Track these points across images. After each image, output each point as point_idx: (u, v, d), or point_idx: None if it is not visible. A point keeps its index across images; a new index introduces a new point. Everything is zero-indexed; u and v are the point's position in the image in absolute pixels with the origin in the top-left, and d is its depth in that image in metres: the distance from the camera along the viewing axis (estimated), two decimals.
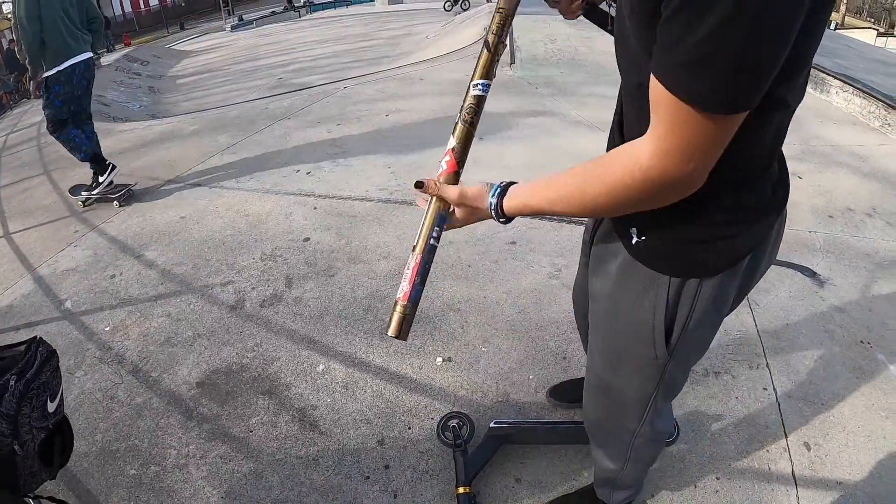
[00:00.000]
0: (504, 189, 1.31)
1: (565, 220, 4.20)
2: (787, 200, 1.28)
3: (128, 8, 46.74)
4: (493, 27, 1.41)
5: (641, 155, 0.99)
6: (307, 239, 4.02)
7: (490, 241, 3.92)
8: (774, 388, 2.95)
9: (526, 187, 1.27)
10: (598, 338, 1.60)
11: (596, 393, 1.73)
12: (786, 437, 2.69)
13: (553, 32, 10.40)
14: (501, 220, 1.31)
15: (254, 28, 32.17)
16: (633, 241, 1.30)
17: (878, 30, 39.80)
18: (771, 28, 0.80)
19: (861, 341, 3.36)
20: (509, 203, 1.27)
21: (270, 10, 40.68)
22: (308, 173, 5.11)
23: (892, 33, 35.24)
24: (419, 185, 1.42)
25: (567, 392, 2.71)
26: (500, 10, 1.41)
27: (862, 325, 3.47)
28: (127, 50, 22.94)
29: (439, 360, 2.96)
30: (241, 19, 35.98)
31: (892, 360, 3.25)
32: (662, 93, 0.90)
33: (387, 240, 3.97)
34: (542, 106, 7.02)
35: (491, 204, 1.30)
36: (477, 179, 3.58)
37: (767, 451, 2.60)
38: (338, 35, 21.25)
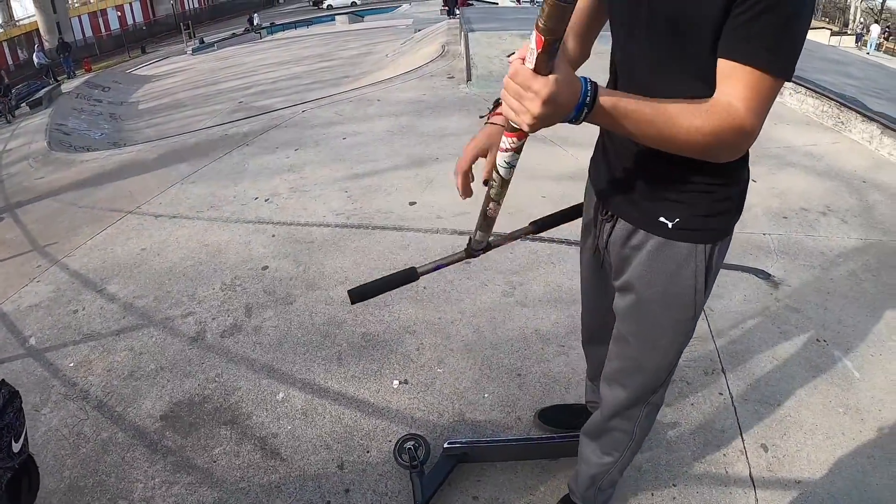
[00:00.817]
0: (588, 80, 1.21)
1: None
2: None
3: (88, 32, 46.21)
4: None
5: (738, 110, 1.21)
6: (266, 267, 4.09)
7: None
8: (730, 393, 3.03)
9: (611, 91, 1.23)
10: (631, 323, 1.77)
11: (628, 376, 1.86)
12: (742, 439, 2.77)
13: (509, 47, 10.44)
14: (585, 110, 1.18)
15: (215, 51, 31.98)
16: (670, 227, 1.55)
17: (832, 29, 40.57)
18: (807, 22, 1.20)
19: (817, 340, 3.46)
20: (602, 95, 1.18)
21: (231, 32, 40.43)
22: (266, 200, 5.18)
23: (846, 32, 35.78)
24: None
25: (559, 419, 2.77)
26: None
27: (817, 324, 3.58)
28: (88, 76, 22.84)
29: (396, 382, 3.04)
30: (202, 42, 35.74)
31: (849, 356, 3.35)
32: (742, 69, 1.20)
33: (344, 265, 4.05)
34: None
35: (585, 84, 1.16)
36: (434, 201, 3.59)
37: (724, 455, 2.68)
38: (298, 56, 21.30)
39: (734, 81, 1.21)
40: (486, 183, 1.56)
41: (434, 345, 3.29)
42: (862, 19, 50.80)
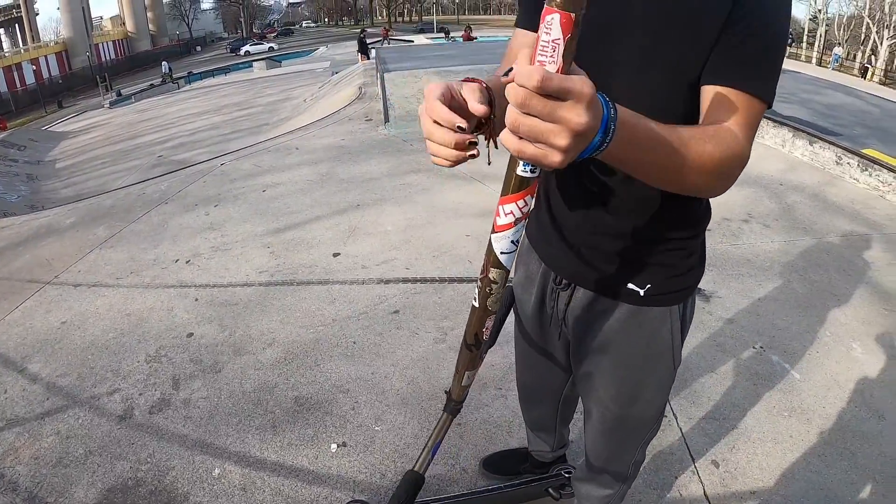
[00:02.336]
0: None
1: (447, 281, 4.30)
2: None
3: (3, 87, 45.37)
4: None
5: (739, 137, 1.16)
6: (191, 334, 3.98)
7: (373, 312, 3.98)
8: (674, 414, 3.08)
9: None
10: (609, 387, 1.71)
11: (610, 431, 1.83)
12: (693, 459, 2.81)
13: (425, 87, 10.51)
14: (612, 128, 0.88)
15: (133, 103, 31.67)
16: (642, 294, 1.51)
17: None
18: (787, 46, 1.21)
19: (754, 347, 3.54)
20: (621, 110, 0.92)
21: (149, 83, 40.18)
22: (188, 262, 5.07)
23: None
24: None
25: (504, 466, 2.76)
26: None
27: (752, 331, 3.66)
28: (3, 134, 22.29)
29: (334, 446, 2.98)
30: (119, 94, 35.46)
31: (786, 358, 3.44)
32: (741, 96, 1.17)
33: (271, 326, 3.98)
34: (417, 163, 7.17)
35: (604, 100, 0.87)
36: (358, 251, 3.58)
37: (677, 477, 2.71)
38: (217, 105, 21.10)
39: (730, 108, 1.17)
40: (485, 289, 1.19)
41: (369, 402, 3.25)
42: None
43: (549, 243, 1.62)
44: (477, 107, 0.95)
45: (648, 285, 1.50)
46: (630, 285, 1.51)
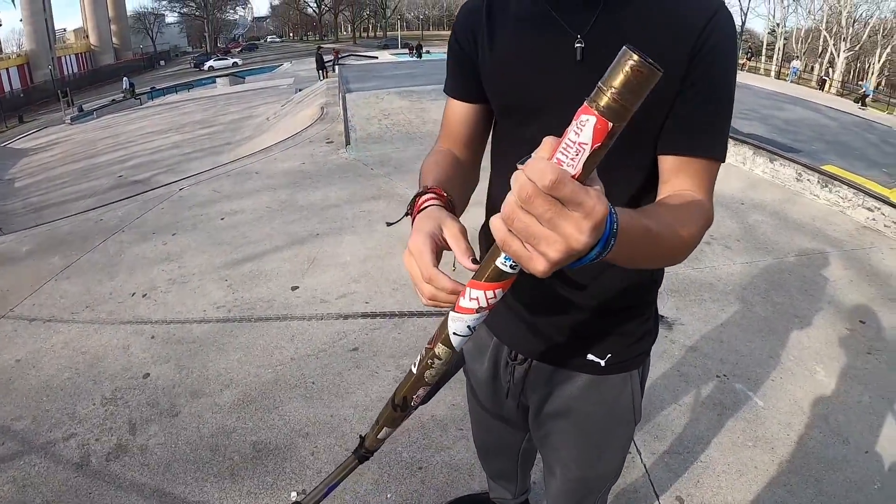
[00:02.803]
0: None
1: (406, 315, 4.26)
2: None
3: None
4: None
5: (706, 201, 1.18)
6: (147, 375, 3.87)
7: (332, 350, 3.92)
8: (638, 449, 3.05)
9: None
10: (568, 445, 1.67)
11: (573, 490, 1.79)
12: (657, 496, 2.78)
13: (387, 107, 10.53)
14: (612, 241, 0.80)
15: (94, 119, 31.32)
16: (603, 365, 1.47)
17: None
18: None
19: (717, 375, 3.53)
20: (622, 212, 0.85)
21: (111, 99, 39.74)
22: (144, 296, 4.95)
23: None
24: None
25: None
26: None
27: (716, 359, 3.65)
28: None
29: (293, 494, 2.89)
30: (81, 110, 34.94)
31: (750, 386, 3.43)
32: (702, 163, 1.19)
33: (228, 365, 3.88)
34: (377, 188, 7.15)
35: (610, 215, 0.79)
36: (317, 284, 3.51)
37: None
38: (178, 123, 20.94)
39: (693, 175, 1.19)
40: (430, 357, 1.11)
41: (329, 446, 3.17)
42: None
43: (502, 318, 1.56)
44: (466, 262, 0.98)
45: (609, 355, 1.47)
46: (590, 357, 1.48)
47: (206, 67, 61.19)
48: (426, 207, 1.19)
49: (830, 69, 44.70)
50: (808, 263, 5.21)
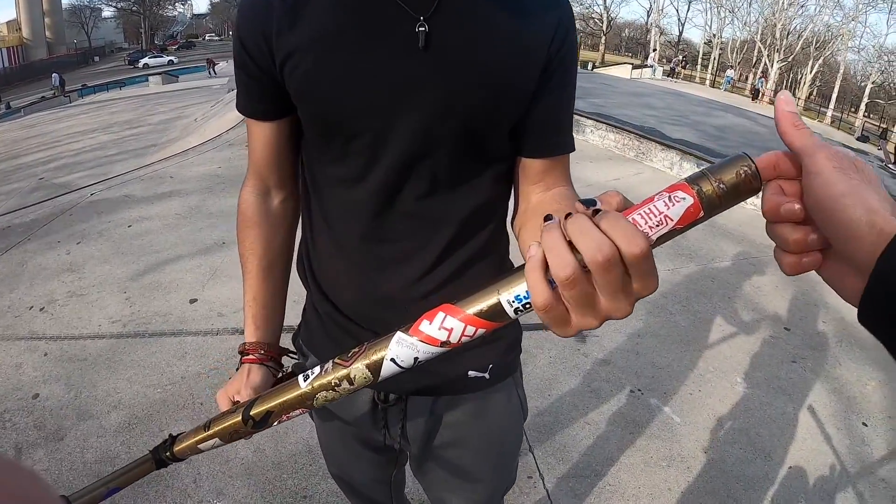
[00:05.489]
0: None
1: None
2: None
3: None
4: None
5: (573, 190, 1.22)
6: (36, 395, 3.59)
7: (224, 368, 3.73)
8: (541, 474, 2.90)
9: None
10: (468, 470, 1.48)
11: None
12: None
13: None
14: None
15: (21, 117, 30.39)
16: (487, 377, 1.32)
17: (633, 63, 44.81)
18: None
19: (632, 390, 3.42)
20: None
21: (40, 96, 38.83)
22: (42, 309, 4.63)
23: (646, 65, 39.53)
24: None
25: None
26: None
27: (630, 373, 3.53)
28: None
29: None
30: (8, 107, 34.09)
31: (666, 401, 3.31)
32: (563, 159, 1.21)
33: (117, 385, 3.61)
34: None
35: None
36: (216, 296, 3.22)
37: None
38: (106, 123, 20.33)
39: (563, 170, 1.21)
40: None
41: (212, 473, 2.95)
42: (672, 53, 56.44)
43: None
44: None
45: (491, 365, 1.32)
46: (472, 373, 1.31)
47: (140, 65, 60.16)
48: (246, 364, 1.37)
49: (764, 79, 45.85)
50: (733, 270, 5.16)
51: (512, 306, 0.68)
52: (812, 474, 3.09)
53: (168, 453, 1.20)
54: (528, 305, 0.67)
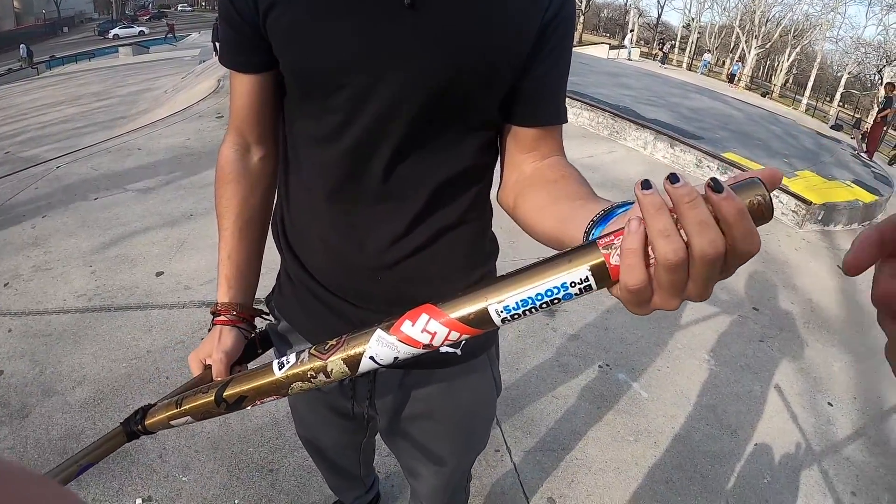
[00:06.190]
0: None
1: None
2: None
3: None
4: None
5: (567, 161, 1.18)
6: (1, 372, 3.52)
7: (190, 341, 3.66)
8: (508, 448, 2.90)
9: None
10: (439, 442, 1.52)
11: (449, 482, 1.65)
12: (527, 498, 2.64)
13: None
14: None
15: None
16: (459, 353, 1.31)
17: (610, 44, 44.82)
18: None
19: (600, 365, 3.42)
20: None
21: (7, 68, 38.09)
22: (6, 285, 4.52)
23: (623, 45, 39.66)
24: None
25: None
26: None
27: (599, 348, 3.53)
28: None
29: (139, 501, 2.66)
30: None
31: (634, 376, 3.32)
32: (556, 129, 1.18)
33: (82, 360, 3.55)
34: None
35: None
36: (183, 269, 3.16)
37: None
38: (74, 95, 19.99)
39: (556, 138, 1.19)
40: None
41: (178, 448, 2.92)
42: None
43: (323, 325, 1.31)
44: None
45: (463, 341, 1.27)
46: (444, 349, 1.26)
47: (110, 36, 59.26)
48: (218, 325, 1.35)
49: (741, 64, 46.17)
50: None
51: (500, 315, 0.67)
52: (778, 451, 3.11)
53: (140, 426, 1.20)
54: (516, 315, 0.67)
